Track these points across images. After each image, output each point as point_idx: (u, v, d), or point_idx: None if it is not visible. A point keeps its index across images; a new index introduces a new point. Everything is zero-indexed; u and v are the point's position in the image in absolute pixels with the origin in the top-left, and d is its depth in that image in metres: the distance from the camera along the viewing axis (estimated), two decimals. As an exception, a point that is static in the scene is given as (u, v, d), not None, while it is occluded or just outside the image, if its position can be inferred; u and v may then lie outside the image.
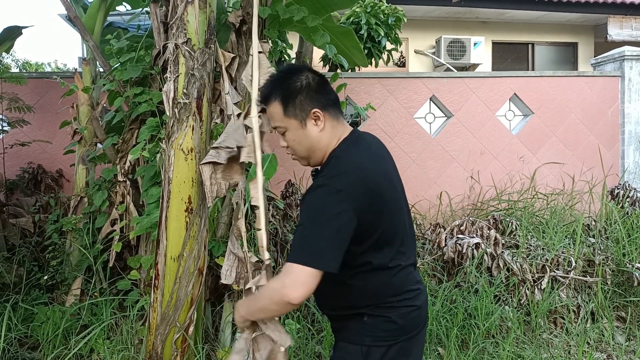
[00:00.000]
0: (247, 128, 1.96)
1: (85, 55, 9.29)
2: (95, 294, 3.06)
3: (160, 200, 2.43)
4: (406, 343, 1.52)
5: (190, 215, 2.36)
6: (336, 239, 1.37)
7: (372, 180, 1.45)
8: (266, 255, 1.83)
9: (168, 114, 2.30)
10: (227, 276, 2.23)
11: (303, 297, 1.34)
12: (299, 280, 1.33)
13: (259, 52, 2.20)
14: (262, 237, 1.84)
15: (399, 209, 1.54)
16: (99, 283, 3.15)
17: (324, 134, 1.52)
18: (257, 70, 2.07)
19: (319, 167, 1.59)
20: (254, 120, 1.88)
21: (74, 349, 2.63)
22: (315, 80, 1.53)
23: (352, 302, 1.51)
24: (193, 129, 2.29)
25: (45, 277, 3.20)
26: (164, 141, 2.42)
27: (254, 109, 1.91)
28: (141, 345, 2.60)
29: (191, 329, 2.47)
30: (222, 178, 2.13)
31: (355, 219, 1.38)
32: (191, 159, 2.31)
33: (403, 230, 1.54)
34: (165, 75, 2.34)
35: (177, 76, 2.25)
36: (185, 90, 2.24)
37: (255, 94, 1.99)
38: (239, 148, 1.98)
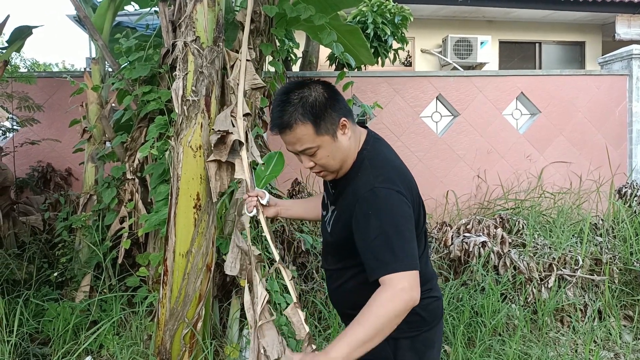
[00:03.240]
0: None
1: (92, 56, 9.38)
2: (105, 290, 3.09)
3: (169, 197, 2.46)
4: (428, 333, 1.56)
5: (199, 212, 2.39)
6: (414, 238, 1.39)
7: (409, 178, 1.49)
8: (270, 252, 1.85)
9: (177, 111, 2.32)
10: (232, 268, 2.27)
11: (419, 296, 1.33)
12: (413, 282, 1.31)
13: (247, 60, 2.26)
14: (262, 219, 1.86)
15: (421, 198, 1.56)
16: (108, 280, 3.18)
17: (351, 141, 1.50)
18: (244, 76, 2.14)
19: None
20: (239, 121, 1.95)
21: (83, 344, 2.66)
22: (330, 89, 1.49)
23: None
24: (202, 127, 2.31)
25: (55, 274, 3.23)
26: (172, 138, 2.44)
27: (240, 110, 1.99)
28: (150, 341, 2.63)
29: (199, 324, 2.49)
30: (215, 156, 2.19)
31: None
32: (200, 156, 2.33)
33: (423, 221, 1.58)
34: (174, 74, 2.37)
35: (186, 74, 2.27)
36: (194, 88, 2.27)
37: (241, 98, 2.06)
38: (228, 133, 2.08)
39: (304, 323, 1.63)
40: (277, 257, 1.84)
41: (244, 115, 2.10)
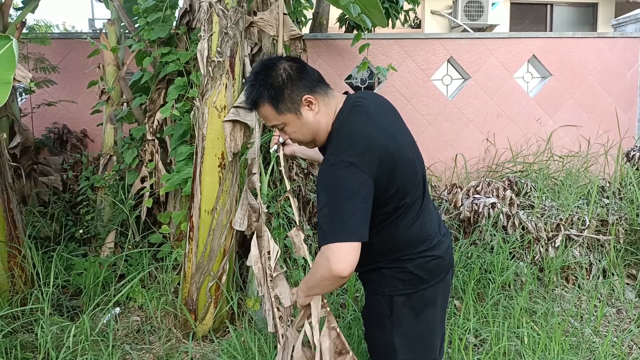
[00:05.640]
0: None
1: (95, 17, 9.29)
2: (129, 247, 3.21)
3: (194, 156, 2.54)
4: (427, 291, 1.59)
5: (223, 171, 2.47)
6: (362, 210, 1.40)
7: (376, 144, 1.45)
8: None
9: (202, 72, 2.37)
10: (240, 224, 2.40)
11: (351, 268, 1.38)
12: (342, 256, 1.37)
13: (284, 14, 2.30)
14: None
15: (408, 164, 1.53)
16: (132, 237, 3.31)
17: (320, 115, 1.53)
18: (282, 29, 2.18)
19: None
20: None
21: (113, 296, 2.80)
22: (294, 67, 1.52)
23: (371, 258, 1.58)
24: (226, 87, 2.37)
25: (81, 231, 3.35)
26: (197, 99, 2.50)
27: None
28: (177, 293, 2.77)
29: (224, 278, 2.62)
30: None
31: (373, 185, 1.42)
32: (224, 116, 2.40)
33: (415, 183, 1.56)
34: (199, 34, 2.40)
35: (211, 35, 2.31)
36: (219, 49, 2.31)
37: (280, 50, 2.13)
38: None
39: (303, 243, 1.82)
40: (288, 187, 1.93)
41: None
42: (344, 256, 1.37)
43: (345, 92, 1.65)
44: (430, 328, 1.64)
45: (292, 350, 1.78)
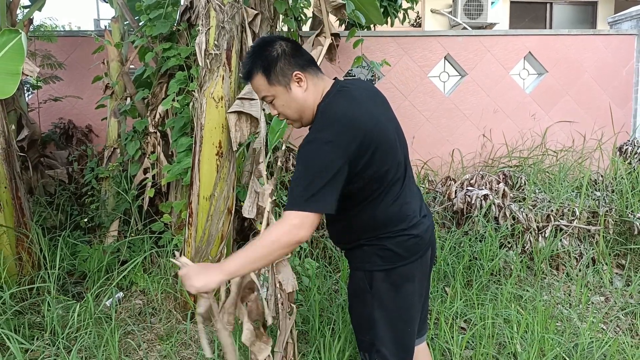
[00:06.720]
0: None
1: (100, 17, 9.47)
2: (132, 234, 3.34)
3: (193, 145, 2.66)
4: (405, 268, 1.69)
5: (221, 159, 2.59)
6: (331, 184, 1.49)
7: (358, 126, 1.55)
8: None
9: (200, 64, 2.49)
10: (249, 211, 2.51)
11: (309, 234, 1.50)
12: (305, 222, 1.47)
13: None
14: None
15: (389, 146, 1.63)
16: (134, 225, 3.43)
17: (308, 93, 1.63)
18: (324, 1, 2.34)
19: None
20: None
21: (115, 281, 2.93)
22: (289, 45, 1.64)
23: (354, 237, 1.70)
24: (223, 79, 2.49)
25: (85, 220, 3.49)
26: (196, 90, 2.63)
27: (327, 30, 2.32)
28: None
29: (222, 262, 2.74)
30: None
31: (347, 166, 1.52)
32: (221, 107, 2.52)
33: (396, 165, 1.65)
34: (197, 29, 2.52)
35: (209, 29, 2.43)
36: (216, 42, 2.43)
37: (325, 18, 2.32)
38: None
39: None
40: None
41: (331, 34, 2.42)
42: (306, 223, 1.48)
43: (335, 78, 1.76)
44: (409, 302, 1.74)
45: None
